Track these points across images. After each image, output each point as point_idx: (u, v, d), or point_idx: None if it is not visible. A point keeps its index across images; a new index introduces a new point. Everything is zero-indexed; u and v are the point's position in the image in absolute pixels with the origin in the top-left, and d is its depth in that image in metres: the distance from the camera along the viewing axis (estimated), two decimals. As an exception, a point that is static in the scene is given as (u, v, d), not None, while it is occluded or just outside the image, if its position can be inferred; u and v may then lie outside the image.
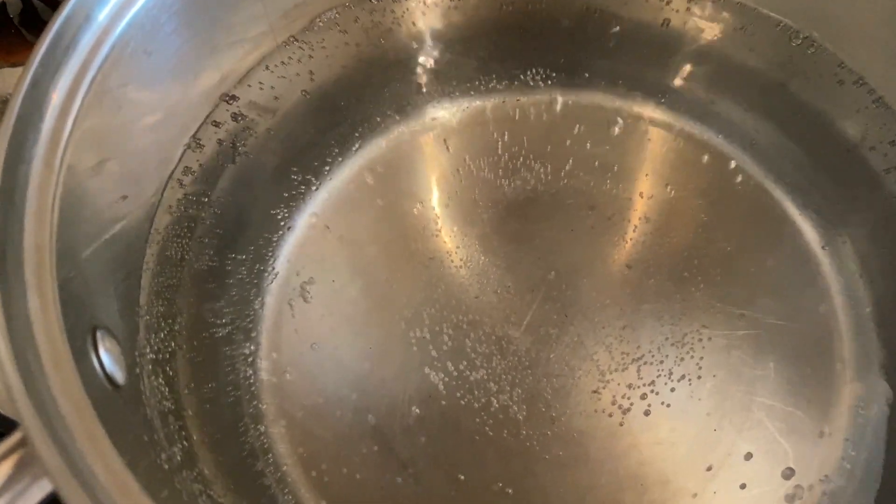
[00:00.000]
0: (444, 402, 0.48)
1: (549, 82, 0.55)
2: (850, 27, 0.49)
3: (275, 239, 0.52)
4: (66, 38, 0.37)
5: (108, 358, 0.35)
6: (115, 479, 0.29)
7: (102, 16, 0.39)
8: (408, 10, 0.54)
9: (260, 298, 0.50)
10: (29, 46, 0.59)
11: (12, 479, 0.28)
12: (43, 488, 0.28)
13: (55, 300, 0.32)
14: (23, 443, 0.28)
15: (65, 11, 0.37)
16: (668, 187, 0.53)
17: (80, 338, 0.34)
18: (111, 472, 0.29)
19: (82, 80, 0.37)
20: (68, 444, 0.29)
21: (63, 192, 0.35)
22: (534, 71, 0.55)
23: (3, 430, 0.29)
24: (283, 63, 0.52)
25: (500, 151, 0.54)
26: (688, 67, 0.54)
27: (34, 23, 0.58)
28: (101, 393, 0.34)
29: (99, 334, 0.36)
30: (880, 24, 0.47)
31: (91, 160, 0.38)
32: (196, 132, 0.48)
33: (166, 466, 0.39)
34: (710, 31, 0.53)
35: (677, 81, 0.55)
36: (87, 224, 0.38)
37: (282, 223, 0.52)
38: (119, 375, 0.36)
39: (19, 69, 0.59)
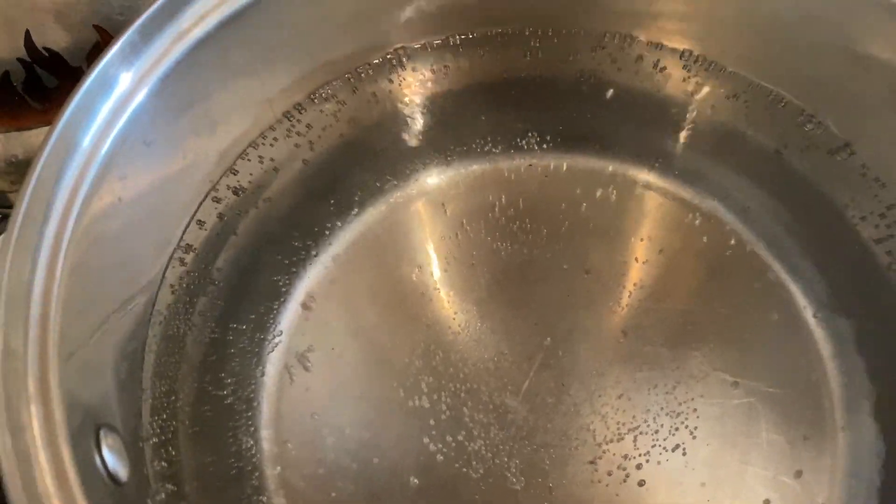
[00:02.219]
0: (442, 473, 0.48)
1: (545, 146, 0.56)
2: (840, 97, 0.50)
3: (275, 307, 0.53)
4: (68, 138, 0.38)
5: (111, 456, 0.36)
6: None
7: (103, 114, 0.39)
8: (404, 79, 0.55)
9: (261, 367, 0.51)
10: (32, 112, 0.60)
11: None
12: None
13: (60, 407, 0.33)
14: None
15: (68, 111, 0.38)
16: (662, 252, 0.53)
17: (84, 441, 0.35)
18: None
19: (83, 179, 0.38)
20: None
21: (65, 295, 0.36)
22: (530, 135, 0.56)
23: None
24: (282, 136, 0.52)
25: (497, 215, 0.55)
26: (682, 133, 0.55)
27: (37, 89, 0.59)
28: (104, 494, 0.35)
29: (102, 433, 0.36)
30: (870, 94, 0.48)
31: (91, 257, 0.39)
32: (196, 210, 0.49)
33: (169, 553, 0.39)
34: (704, 98, 0.54)
35: (671, 146, 0.55)
36: (89, 321, 0.38)
37: (283, 290, 0.53)
38: (122, 472, 0.37)
39: (25, 133, 0.60)
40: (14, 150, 0.61)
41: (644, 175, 0.55)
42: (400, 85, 0.55)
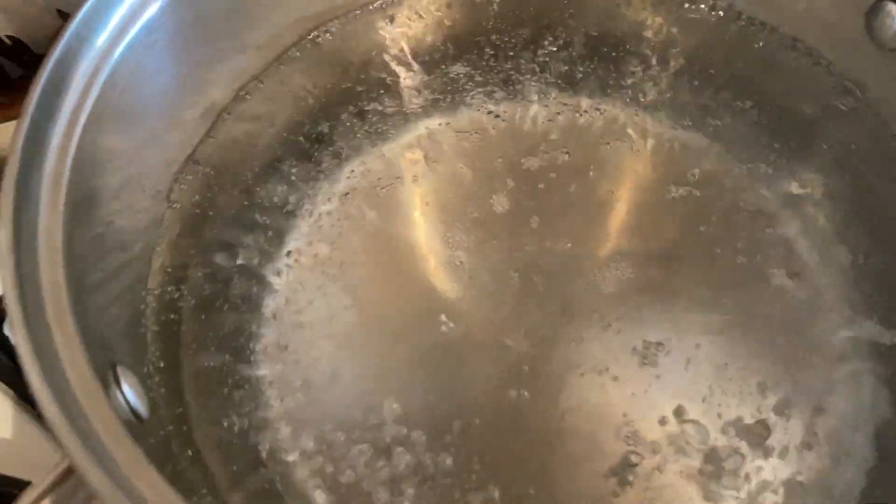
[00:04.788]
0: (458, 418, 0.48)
1: (531, 92, 0.57)
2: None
3: (266, 263, 0.52)
4: (57, 81, 0.38)
5: (130, 392, 0.35)
6: (162, 498, 0.29)
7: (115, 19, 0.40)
8: (392, 25, 0.56)
9: (257, 323, 0.50)
10: (-1, 105, 0.59)
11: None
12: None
13: (77, 336, 0.33)
14: (69, 472, 0.29)
15: (55, 53, 0.38)
16: (648, 187, 0.54)
17: (103, 373, 0.34)
18: (155, 491, 0.29)
19: (77, 119, 0.38)
20: (112, 469, 0.29)
21: (68, 229, 0.36)
22: (515, 81, 0.57)
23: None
24: (267, 88, 0.53)
25: (488, 163, 0.55)
26: (657, 67, 0.56)
27: (2, 81, 0.59)
28: (130, 426, 0.34)
29: (119, 370, 0.36)
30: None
31: (90, 194, 0.39)
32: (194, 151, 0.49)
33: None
34: (676, 30, 0.56)
35: (650, 83, 0.56)
36: (92, 257, 0.38)
37: (270, 247, 0.52)
38: (142, 409, 0.36)
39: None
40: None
41: (630, 112, 0.56)
42: (386, 35, 0.56)
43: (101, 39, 0.40)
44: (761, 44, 0.54)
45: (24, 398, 0.57)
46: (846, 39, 0.49)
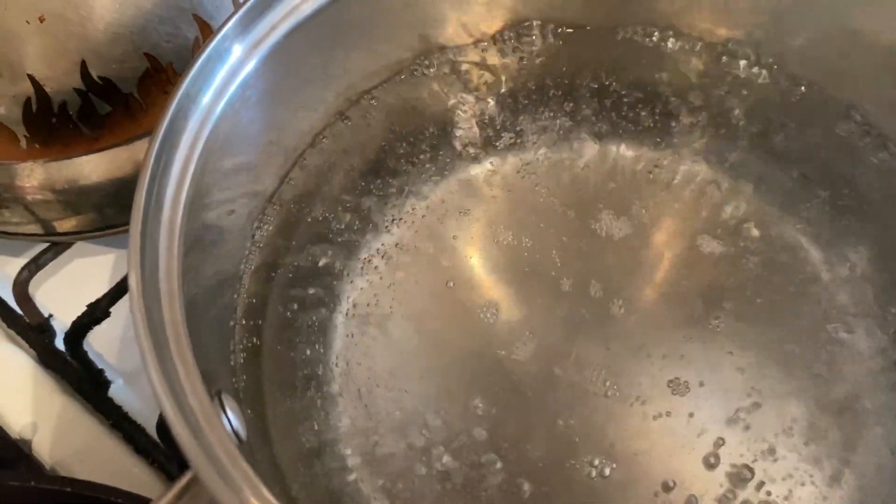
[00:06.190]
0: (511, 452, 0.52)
1: (587, 139, 0.61)
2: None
3: (332, 297, 0.57)
4: (171, 138, 0.43)
5: (233, 416, 0.40)
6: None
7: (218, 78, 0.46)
8: (457, 76, 0.60)
9: (326, 350, 0.55)
10: (85, 139, 0.64)
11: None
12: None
13: (195, 368, 0.37)
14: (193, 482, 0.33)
15: (191, 72, 0.44)
16: (696, 229, 0.58)
17: (213, 399, 0.38)
18: None
19: (187, 170, 0.43)
20: (231, 485, 0.33)
21: (181, 271, 0.40)
22: (571, 128, 0.61)
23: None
24: (340, 134, 0.58)
25: (541, 204, 0.60)
26: (708, 123, 0.61)
27: (91, 117, 0.63)
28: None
29: (223, 396, 0.40)
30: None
31: (196, 239, 0.43)
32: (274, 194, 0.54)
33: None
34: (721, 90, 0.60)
35: (700, 136, 0.61)
36: (197, 295, 0.43)
37: (337, 282, 0.57)
38: (242, 432, 0.41)
39: (65, 162, 0.63)
40: (55, 180, 0.63)
41: (681, 161, 0.60)
42: (451, 84, 0.61)
43: (206, 98, 0.44)
44: (807, 102, 0.58)
45: (97, 408, 0.62)
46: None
